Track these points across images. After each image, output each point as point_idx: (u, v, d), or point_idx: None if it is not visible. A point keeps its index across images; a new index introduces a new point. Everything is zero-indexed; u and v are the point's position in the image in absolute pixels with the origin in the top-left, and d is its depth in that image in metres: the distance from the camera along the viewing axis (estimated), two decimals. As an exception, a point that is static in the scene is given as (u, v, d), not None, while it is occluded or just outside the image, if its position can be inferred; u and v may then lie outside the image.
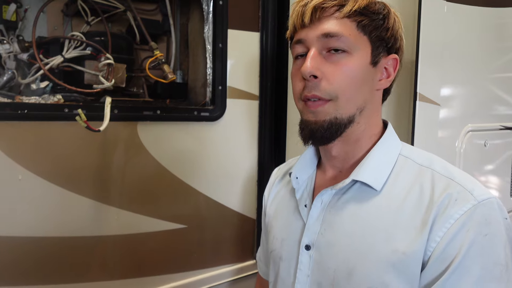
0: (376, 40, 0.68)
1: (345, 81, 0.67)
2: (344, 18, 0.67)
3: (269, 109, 1.41)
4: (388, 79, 0.72)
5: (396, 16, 0.72)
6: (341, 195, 0.71)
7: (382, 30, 0.69)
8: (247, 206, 1.41)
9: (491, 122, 1.32)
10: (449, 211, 0.62)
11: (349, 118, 0.69)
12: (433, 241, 0.61)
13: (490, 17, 1.27)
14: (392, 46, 0.71)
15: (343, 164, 0.75)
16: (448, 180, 0.65)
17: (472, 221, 0.61)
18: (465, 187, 0.64)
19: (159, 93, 1.33)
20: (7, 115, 0.96)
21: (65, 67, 1.15)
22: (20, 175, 0.99)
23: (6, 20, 1.13)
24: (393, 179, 0.69)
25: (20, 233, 1.00)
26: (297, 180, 0.78)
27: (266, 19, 1.38)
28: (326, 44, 0.67)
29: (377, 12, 0.68)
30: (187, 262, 1.29)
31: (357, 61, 0.67)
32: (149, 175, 1.20)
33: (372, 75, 0.70)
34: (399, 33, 0.72)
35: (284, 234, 0.78)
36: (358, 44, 0.67)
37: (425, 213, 0.63)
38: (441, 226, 0.61)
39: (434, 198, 0.64)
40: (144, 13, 1.38)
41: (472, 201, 0.62)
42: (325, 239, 0.70)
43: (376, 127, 0.74)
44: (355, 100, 0.68)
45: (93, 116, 1.02)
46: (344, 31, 0.66)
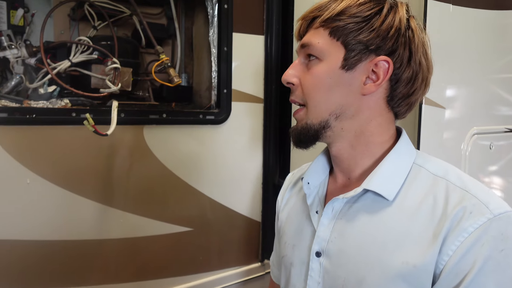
0: (352, 44, 0.66)
1: (312, 87, 0.69)
2: (319, 27, 0.69)
3: (274, 112, 1.41)
4: (376, 83, 0.67)
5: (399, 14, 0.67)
6: (352, 204, 0.70)
7: (361, 33, 0.66)
8: (252, 208, 1.41)
9: (496, 124, 1.32)
10: (463, 224, 0.60)
11: (321, 124, 0.69)
12: (446, 254, 0.60)
13: (494, 19, 1.27)
14: (380, 48, 0.66)
15: (350, 170, 0.74)
16: (463, 192, 0.63)
17: (487, 236, 0.59)
18: (480, 199, 0.62)
19: (165, 96, 1.34)
20: (16, 119, 0.97)
21: (72, 72, 1.16)
22: (29, 179, 1.00)
23: (13, 25, 1.14)
24: (405, 189, 0.67)
25: (28, 236, 1.01)
26: (309, 185, 0.77)
27: (270, 23, 1.38)
28: (304, 53, 0.71)
29: (356, 15, 0.66)
30: (193, 265, 1.30)
31: (324, 67, 0.68)
32: (155, 178, 1.20)
33: (346, 79, 0.67)
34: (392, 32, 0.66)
35: (295, 240, 0.78)
36: (329, 50, 0.67)
37: (437, 225, 0.62)
38: (454, 240, 0.59)
39: (448, 211, 0.62)
40: (149, 17, 1.39)
41: (488, 214, 0.60)
42: (335, 247, 0.70)
43: (382, 136, 0.71)
44: (324, 105, 0.68)
45: (100, 120, 1.03)
46: (314, 39, 0.68)
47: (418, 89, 0.70)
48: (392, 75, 0.67)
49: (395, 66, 0.67)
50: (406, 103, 0.71)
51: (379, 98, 0.69)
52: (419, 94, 0.71)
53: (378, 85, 0.67)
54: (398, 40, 0.67)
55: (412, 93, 0.70)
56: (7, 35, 1.10)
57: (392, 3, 0.69)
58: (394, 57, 0.67)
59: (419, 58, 0.68)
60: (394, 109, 0.71)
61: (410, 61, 0.68)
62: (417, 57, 0.68)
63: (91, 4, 1.23)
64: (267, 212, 1.42)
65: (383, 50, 0.66)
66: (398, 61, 0.67)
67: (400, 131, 0.74)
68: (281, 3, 1.40)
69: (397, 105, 0.71)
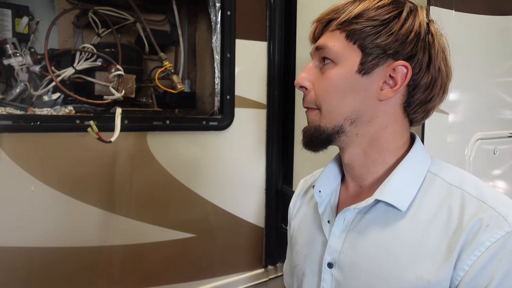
0: (369, 48, 0.64)
1: (326, 91, 0.67)
2: (335, 30, 0.67)
3: (277, 118, 1.41)
4: (393, 88, 0.65)
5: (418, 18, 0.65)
6: (364, 214, 0.68)
7: (379, 36, 0.64)
8: (256, 214, 1.41)
9: (500, 129, 1.32)
10: (479, 238, 0.57)
11: (335, 128, 0.67)
12: (461, 269, 0.57)
13: (497, 24, 1.27)
14: (399, 52, 0.64)
15: (362, 178, 0.71)
16: (479, 203, 0.60)
17: (505, 250, 0.55)
18: (498, 211, 0.58)
19: (168, 103, 1.35)
20: (21, 127, 0.97)
21: (76, 79, 1.17)
22: (33, 186, 1.00)
23: (18, 32, 1.15)
24: (419, 199, 0.64)
25: (33, 243, 1.01)
26: (320, 193, 0.75)
27: (273, 29, 1.39)
28: (319, 56, 0.69)
29: (374, 19, 0.64)
30: (196, 272, 1.30)
31: (340, 71, 0.66)
32: (158, 184, 1.20)
33: (363, 84, 0.65)
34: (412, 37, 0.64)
35: (307, 250, 0.76)
36: (345, 54, 0.65)
37: (452, 238, 0.59)
38: (470, 254, 0.57)
39: (463, 223, 0.59)
40: (152, 24, 1.40)
41: (506, 227, 0.57)
42: (347, 258, 0.68)
43: (395, 143, 0.68)
44: (339, 110, 0.66)
45: (104, 126, 1.03)
46: (329, 42, 0.67)
47: (436, 95, 0.68)
48: (410, 80, 0.65)
49: (413, 72, 0.64)
50: (423, 110, 0.68)
51: (396, 104, 0.67)
52: (437, 101, 0.69)
53: (396, 90, 0.65)
54: (417, 45, 0.64)
55: (430, 99, 0.67)
56: (12, 43, 1.11)
57: (412, 7, 0.67)
58: (413, 62, 0.64)
59: (438, 63, 0.66)
60: (410, 116, 0.69)
61: (429, 66, 0.65)
62: (436, 63, 0.66)
63: (95, 11, 1.24)
64: (270, 218, 1.42)
65: (402, 54, 0.64)
66: (417, 66, 0.65)
67: (414, 137, 0.71)
68: (283, 9, 1.40)
69: (413, 111, 0.68)
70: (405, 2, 0.67)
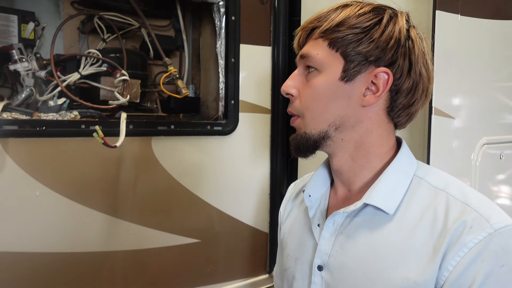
0: (349, 55, 0.66)
1: (310, 99, 0.69)
2: (318, 38, 0.68)
3: (281, 123, 1.41)
4: (375, 94, 0.66)
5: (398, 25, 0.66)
6: (353, 218, 0.70)
7: (360, 44, 0.65)
8: (260, 220, 1.41)
9: (506, 134, 1.31)
10: (463, 239, 0.59)
11: (320, 134, 0.68)
12: (446, 270, 0.59)
13: (502, 28, 1.27)
14: (380, 59, 0.65)
15: (350, 182, 0.73)
16: (463, 206, 0.62)
17: (487, 251, 0.58)
18: (481, 213, 0.61)
19: (173, 107, 1.35)
20: (26, 132, 0.98)
21: (81, 84, 1.17)
22: (38, 191, 1.00)
23: (24, 38, 1.16)
24: (406, 203, 0.66)
25: (37, 249, 1.01)
26: (310, 198, 0.77)
27: (277, 34, 1.39)
28: (304, 64, 0.70)
29: (355, 26, 0.66)
30: (201, 277, 1.29)
31: (323, 78, 0.67)
32: (163, 189, 1.20)
33: (346, 91, 0.67)
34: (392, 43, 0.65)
35: (297, 253, 0.78)
36: (328, 62, 0.67)
37: (437, 240, 0.61)
38: (454, 255, 0.59)
39: (448, 225, 0.61)
40: (157, 29, 1.40)
41: (488, 229, 0.59)
42: (336, 261, 0.69)
43: (382, 147, 0.70)
44: (322, 116, 0.68)
45: (109, 131, 1.04)
46: (312, 51, 0.68)
47: (418, 99, 0.69)
48: (392, 86, 0.66)
49: (395, 77, 0.66)
50: (406, 114, 0.70)
51: (379, 109, 0.68)
52: (420, 104, 0.71)
53: (378, 96, 0.66)
54: (397, 51, 0.66)
55: (412, 103, 0.69)
56: (18, 48, 1.12)
57: (391, 14, 0.68)
58: (394, 68, 0.66)
59: (419, 68, 0.68)
60: (394, 120, 0.70)
61: (410, 71, 0.67)
62: (417, 68, 0.67)
63: (101, 17, 1.25)
64: (274, 223, 1.41)
65: (383, 61, 0.66)
66: (398, 72, 0.66)
67: (400, 141, 0.73)
68: (287, 14, 1.41)
69: (397, 115, 0.70)
70: (386, 9, 0.68)
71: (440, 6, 1.01)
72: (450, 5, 1.05)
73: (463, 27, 1.11)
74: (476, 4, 1.16)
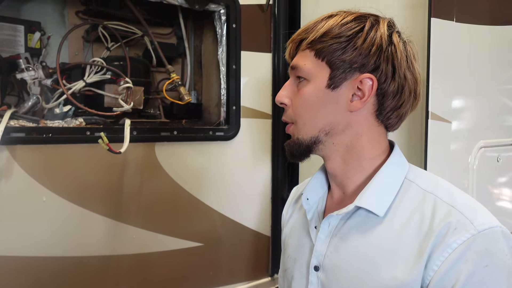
0: (335, 63, 0.69)
1: (301, 107, 0.72)
2: (306, 49, 0.71)
3: (282, 128, 1.43)
4: (361, 100, 0.69)
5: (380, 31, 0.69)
6: (347, 220, 0.72)
7: (344, 52, 0.68)
8: (262, 223, 1.43)
9: (503, 137, 1.33)
10: (447, 240, 0.61)
11: (312, 139, 0.72)
12: (431, 269, 0.61)
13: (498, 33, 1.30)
14: (364, 65, 0.68)
15: (344, 185, 0.75)
16: (449, 208, 0.64)
17: (471, 251, 0.59)
18: (466, 215, 0.62)
19: (175, 114, 1.37)
20: (33, 139, 1.00)
21: (86, 91, 1.20)
22: (45, 196, 1.02)
23: (30, 47, 1.19)
24: (396, 205, 0.68)
25: (44, 253, 1.03)
26: (308, 201, 0.79)
27: (277, 41, 1.42)
28: (294, 74, 0.73)
29: (339, 36, 0.68)
30: (204, 280, 1.31)
31: (312, 87, 0.70)
32: (166, 194, 1.22)
33: (333, 98, 0.70)
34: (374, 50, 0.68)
35: (296, 254, 0.80)
36: (315, 71, 0.70)
37: (423, 241, 0.63)
38: (439, 255, 0.61)
39: (433, 226, 0.63)
40: (160, 37, 1.43)
41: (472, 230, 0.60)
42: (331, 262, 0.72)
43: (373, 150, 0.72)
44: (312, 122, 0.71)
45: (113, 138, 1.06)
46: (301, 61, 0.71)
47: (406, 101, 0.71)
48: (378, 90, 0.68)
49: (379, 82, 0.68)
50: (396, 116, 0.72)
51: (367, 113, 0.71)
52: (408, 106, 0.73)
53: (364, 101, 0.69)
54: (380, 57, 0.68)
55: (400, 105, 0.71)
56: (25, 57, 1.14)
57: (373, 21, 0.70)
58: (378, 73, 0.68)
59: (403, 72, 0.69)
60: (384, 122, 0.72)
61: (395, 75, 0.69)
62: (401, 71, 0.69)
63: (105, 26, 1.28)
64: (276, 226, 1.43)
65: (367, 67, 0.68)
66: (383, 77, 0.68)
67: (393, 145, 0.75)
68: (287, 21, 1.44)
69: (386, 118, 0.72)
70: (368, 17, 0.71)
71: (435, 14, 1.03)
72: (445, 12, 1.07)
73: (458, 33, 1.13)
74: (471, 10, 1.19)
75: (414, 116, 1.10)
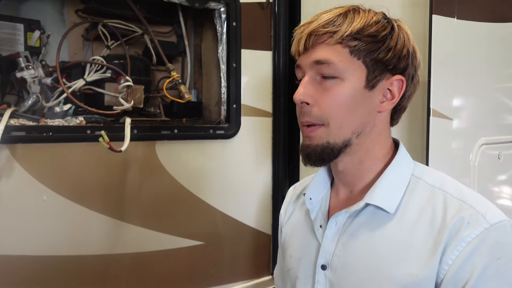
0: (372, 63, 0.67)
1: (335, 107, 0.67)
2: (336, 44, 0.67)
3: (283, 126, 1.43)
4: (391, 101, 0.70)
5: (404, 33, 0.70)
6: (354, 217, 0.72)
7: (380, 52, 0.67)
8: (263, 222, 1.42)
9: (504, 134, 1.33)
10: (461, 234, 0.62)
11: (344, 143, 0.69)
12: (446, 264, 0.62)
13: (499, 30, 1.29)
14: (396, 67, 0.68)
15: (353, 184, 0.75)
16: (460, 203, 0.65)
17: (484, 245, 0.61)
18: (477, 210, 0.64)
19: (176, 112, 1.37)
20: (33, 137, 1.00)
21: (86, 90, 1.20)
22: (45, 195, 1.02)
23: (30, 46, 1.18)
24: (405, 202, 0.69)
25: (45, 252, 1.03)
26: (311, 200, 0.79)
27: (278, 39, 1.42)
28: (319, 70, 0.68)
29: (373, 35, 0.67)
30: (204, 279, 1.31)
31: (348, 87, 0.67)
32: (167, 192, 1.22)
33: (369, 98, 0.69)
34: (405, 52, 0.69)
35: (300, 254, 0.79)
36: (351, 70, 0.67)
37: (437, 235, 0.63)
38: (453, 249, 0.62)
39: (447, 221, 0.64)
40: (160, 35, 1.43)
41: (485, 224, 0.62)
42: (340, 260, 0.71)
43: (384, 148, 0.73)
44: (348, 125, 0.68)
45: (114, 136, 1.06)
46: (334, 57, 0.66)
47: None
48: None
49: (406, 83, 0.70)
50: (401, 114, 0.75)
51: (387, 113, 0.72)
52: None
53: (394, 103, 0.70)
54: (408, 59, 0.70)
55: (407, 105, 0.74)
56: (25, 56, 1.14)
57: (398, 22, 0.71)
58: (405, 75, 0.70)
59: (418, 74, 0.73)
60: (393, 122, 0.75)
61: (414, 77, 0.72)
62: (417, 74, 0.72)
63: (105, 24, 1.28)
64: (277, 224, 1.41)
65: (398, 69, 0.69)
66: (409, 78, 0.70)
67: (397, 142, 0.76)
68: (288, 19, 1.43)
69: (396, 117, 0.74)
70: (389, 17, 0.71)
71: (436, 10, 1.03)
72: (446, 9, 1.07)
73: (459, 30, 1.13)
74: (472, 7, 1.18)
75: (416, 113, 1.10)
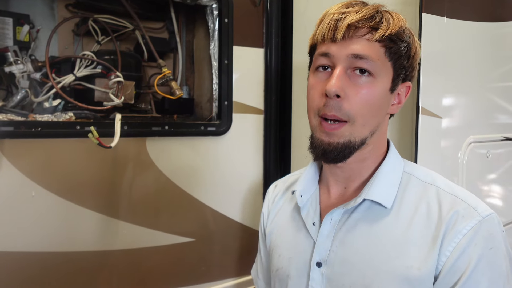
0: (398, 68, 0.69)
1: (365, 105, 0.67)
2: (375, 42, 0.66)
3: (274, 123, 1.44)
4: (399, 105, 0.74)
5: (418, 45, 0.72)
6: (351, 214, 0.73)
7: (404, 59, 0.69)
8: (253, 219, 1.43)
9: (493, 133, 1.35)
10: (457, 227, 0.65)
11: (362, 141, 0.70)
12: (444, 255, 0.64)
13: (490, 30, 1.30)
14: (409, 75, 0.72)
15: (349, 181, 0.76)
16: (453, 197, 0.69)
17: (478, 236, 0.64)
18: (469, 204, 0.67)
19: (167, 109, 1.36)
20: (22, 133, 0.99)
21: (76, 85, 1.19)
22: (34, 191, 1.01)
23: (19, 40, 1.17)
24: (400, 196, 0.71)
25: (33, 248, 1.02)
26: (302, 198, 0.79)
27: (270, 36, 1.42)
28: (353, 63, 0.66)
29: (404, 40, 0.68)
30: (195, 276, 1.31)
31: (379, 87, 0.68)
32: (157, 189, 1.22)
33: (388, 101, 0.72)
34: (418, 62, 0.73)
35: (291, 252, 0.79)
36: (383, 70, 0.67)
37: (435, 229, 0.66)
38: (450, 241, 0.64)
39: (443, 215, 0.67)
40: (151, 31, 1.42)
41: (478, 217, 0.65)
42: (338, 256, 0.72)
43: (383, 147, 0.76)
44: (370, 124, 0.69)
45: (104, 132, 1.05)
46: (374, 54, 0.66)
47: None
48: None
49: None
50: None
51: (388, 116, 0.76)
52: None
53: (400, 107, 0.74)
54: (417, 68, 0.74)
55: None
56: (13, 50, 1.13)
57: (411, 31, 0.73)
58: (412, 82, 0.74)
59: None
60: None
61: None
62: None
63: (95, 19, 1.27)
64: (268, 222, 1.43)
65: (409, 76, 0.73)
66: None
67: (388, 140, 0.79)
68: (280, 17, 1.43)
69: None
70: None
71: (426, 9, 1.04)
72: (436, 8, 1.08)
73: (449, 29, 1.14)
74: (462, 7, 1.19)
75: (405, 112, 1.11)
